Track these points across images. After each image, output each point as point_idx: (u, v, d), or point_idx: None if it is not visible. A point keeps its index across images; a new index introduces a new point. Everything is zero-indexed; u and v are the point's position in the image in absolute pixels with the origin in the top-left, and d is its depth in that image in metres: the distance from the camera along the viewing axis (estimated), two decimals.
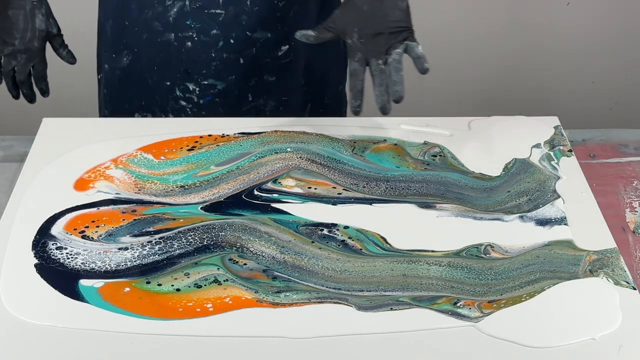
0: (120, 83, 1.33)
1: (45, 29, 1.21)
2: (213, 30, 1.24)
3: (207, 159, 1.13)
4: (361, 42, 1.07)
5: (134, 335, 0.88)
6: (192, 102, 1.29)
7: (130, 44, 1.29)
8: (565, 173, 1.12)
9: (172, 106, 1.30)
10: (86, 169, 1.11)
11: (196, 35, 1.25)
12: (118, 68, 1.31)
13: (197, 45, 1.25)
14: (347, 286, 0.95)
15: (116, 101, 1.35)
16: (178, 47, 1.26)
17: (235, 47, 1.26)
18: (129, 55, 1.29)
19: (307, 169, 1.12)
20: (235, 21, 1.24)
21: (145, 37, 1.27)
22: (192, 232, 1.01)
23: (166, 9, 1.24)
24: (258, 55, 1.27)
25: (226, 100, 1.29)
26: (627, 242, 1.05)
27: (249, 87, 1.29)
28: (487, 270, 0.97)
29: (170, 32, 1.25)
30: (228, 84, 1.28)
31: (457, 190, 1.09)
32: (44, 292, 0.93)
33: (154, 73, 1.29)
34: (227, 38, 1.25)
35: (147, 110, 1.32)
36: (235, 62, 1.27)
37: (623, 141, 1.26)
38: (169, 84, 1.29)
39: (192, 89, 1.28)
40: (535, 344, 0.88)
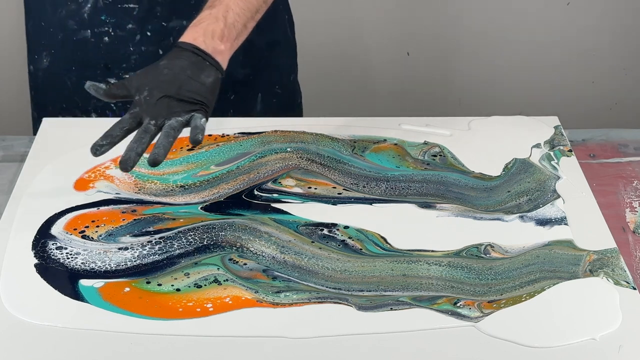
0: (44, 85, 1.32)
1: None
2: (129, 25, 1.24)
3: (207, 159, 1.13)
4: (145, 100, 1.00)
5: (134, 335, 0.88)
6: None
7: (47, 44, 1.28)
8: (565, 173, 1.12)
9: (94, 105, 1.29)
10: (86, 169, 1.11)
11: (112, 30, 1.24)
12: (40, 69, 1.31)
13: (114, 40, 1.24)
14: (347, 286, 0.95)
15: (41, 103, 1.35)
16: (95, 43, 1.25)
17: (152, 39, 1.25)
18: (48, 56, 1.29)
19: (307, 169, 1.12)
20: (150, 14, 1.23)
21: (61, 37, 1.26)
22: (192, 232, 1.01)
23: (80, 5, 1.23)
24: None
25: None
26: (627, 242, 1.05)
27: None
28: (487, 270, 0.97)
29: (86, 29, 1.24)
30: None
31: (457, 190, 1.09)
32: (44, 292, 0.93)
33: (72, 74, 1.28)
34: (144, 31, 1.24)
35: (69, 113, 1.31)
36: (154, 54, 1.25)
37: (623, 141, 1.26)
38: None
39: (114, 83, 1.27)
40: (535, 344, 0.88)
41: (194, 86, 1.01)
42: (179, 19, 1.25)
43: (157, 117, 0.99)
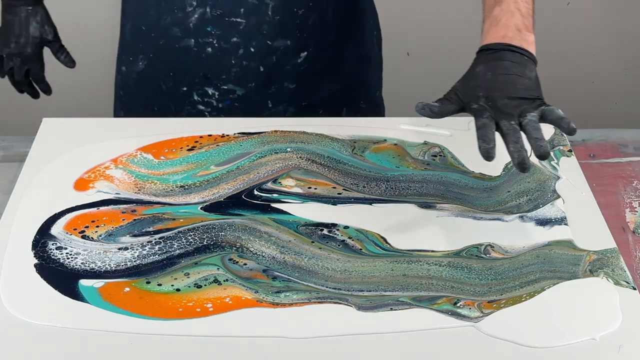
0: (136, 86, 1.33)
1: (39, 36, 1.27)
2: (233, 38, 1.24)
3: (207, 159, 1.13)
4: (489, 105, 0.98)
5: (134, 335, 0.88)
6: (211, 105, 1.29)
7: (146, 49, 1.29)
8: (565, 173, 1.12)
9: (188, 111, 1.30)
10: (86, 169, 1.11)
11: (216, 41, 1.24)
12: (134, 72, 1.31)
13: (217, 51, 1.25)
14: (347, 286, 0.95)
15: (131, 104, 1.35)
16: (198, 52, 1.25)
17: (255, 56, 1.25)
18: (145, 60, 1.29)
19: (307, 169, 1.12)
20: (256, 30, 1.24)
21: (163, 43, 1.26)
22: (192, 232, 1.01)
23: (186, 15, 1.23)
24: (278, 63, 1.27)
25: (245, 106, 1.29)
26: (627, 242, 1.05)
27: (269, 94, 1.29)
28: (487, 270, 0.97)
29: (190, 38, 1.25)
30: (248, 90, 1.28)
31: (457, 190, 1.09)
32: (44, 292, 0.93)
33: (169, 79, 1.29)
34: (247, 47, 1.25)
35: (160, 116, 1.31)
36: (255, 69, 1.26)
37: (623, 141, 1.26)
38: (185, 89, 1.28)
39: (212, 93, 1.28)
40: (535, 344, 0.88)
41: (525, 83, 0.99)
42: (284, 39, 1.25)
43: (509, 117, 0.97)
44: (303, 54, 1.27)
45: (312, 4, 1.24)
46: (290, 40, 1.25)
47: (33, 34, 1.26)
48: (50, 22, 1.29)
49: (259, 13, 1.23)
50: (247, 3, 1.22)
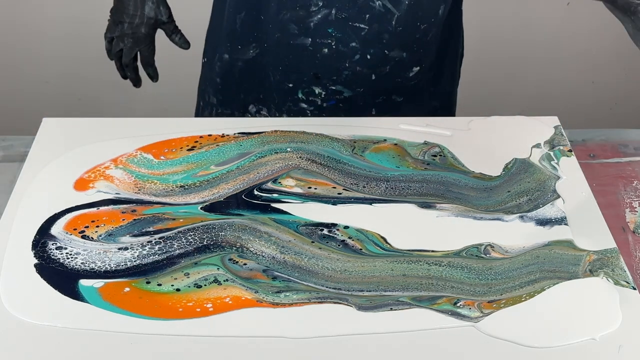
0: (241, 74, 1.32)
1: (154, 17, 1.24)
2: (352, 43, 1.24)
3: (207, 159, 1.13)
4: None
5: (134, 335, 0.88)
6: (315, 104, 1.29)
7: (260, 38, 1.28)
8: (565, 173, 1.12)
9: (289, 107, 1.30)
10: (86, 169, 1.11)
11: (335, 43, 1.24)
12: (241, 59, 1.31)
13: (334, 53, 1.25)
14: (347, 286, 0.95)
15: (231, 90, 1.34)
16: (313, 52, 1.25)
17: (370, 63, 1.25)
18: (257, 49, 1.29)
19: (307, 169, 1.12)
20: (377, 39, 1.24)
21: (278, 37, 1.26)
22: (192, 232, 1.01)
23: (309, 14, 1.23)
24: (390, 74, 1.27)
25: (349, 109, 1.29)
26: (627, 242, 1.05)
27: (376, 102, 1.29)
28: (487, 270, 0.97)
29: (307, 37, 1.24)
30: (355, 94, 1.28)
31: (457, 190, 1.09)
32: (44, 292, 0.93)
33: (277, 72, 1.29)
34: (365, 53, 1.25)
35: (263, 104, 1.32)
36: (367, 76, 1.27)
37: (623, 141, 1.26)
38: (291, 86, 1.28)
39: (318, 93, 1.28)
40: (535, 344, 0.88)
41: None
42: (401, 51, 1.25)
43: None
44: (416, 68, 1.28)
45: (434, 20, 1.25)
46: (407, 53, 1.25)
47: (148, 14, 1.23)
48: (165, 2, 1.26)
49: (383, 22, 1.22)
50: (373, 9, 1.21)
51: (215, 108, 1.37)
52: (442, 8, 1.26)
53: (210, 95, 1.38)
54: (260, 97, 1.32)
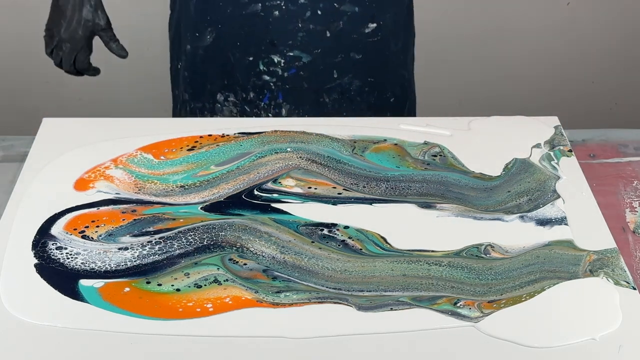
0: (203, 63, 1.33)
1: (91, 20, 1.24)
2: (301, 0, 1.25)
3: (207, 159, 1.13)
4: None
5: (134, 335, 0.88)
6: (277, 75, 1.30)
7: (214, 20, 1.29)
8: (565, 173, 1.12)
9: (253, 83, 1.31)
10: (86, 169, 1.11)
11: (284, 4, 1.25)
12: (201, 47, 1.32)
13: (285, 14, 1.26)
14: (347, 286, 0.95)
15: (198, 82, 1.36)
16: (265, 17, 1.26)
17: (322, 19, 1.26)
18: (213, 32, 1.30)
19: (307, 169, 1.12)
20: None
21: (230, 11, 1.27)
22: (192, 232, 1.01)
23: None
24: (345, 30, 1.27)
25: (311, 75, 1.30)
26: (627, 242, 1.05)
27: (335, 63, 1.29)
28: (487, 270, 0.97)
29: (257, 3, 1.26)
30: (314, 57, 1.29)
31: (457, 190, 1.09)
32: (44, 292, 0.93)
33: (236, 49, 1.30)
34: (315, 9, 1.25)
35: (229, 90, 1.33)
36: (321, 34, 1.27)
37: (623, 141, 1.26)
38: (251, 59, 1.30)
39: (277, 61, 1.29)
40: (535, 344, 0.88)
41: None
42: (352, 4, 1.26)
43: None
44: (372, 25, 1.28)
45: None
46: (359, 7, 1.26)
47: (86, 16, 1.24)
48: (103, 9, 1.27)
49: None
50: None
51: (187, 104, 1.38)
52: None
53: (182, 91, 1.39)
54: (225, 83, 1.33)
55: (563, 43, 2.17)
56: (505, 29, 2.14)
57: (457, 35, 2.13)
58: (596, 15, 2.14)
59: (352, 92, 1.32)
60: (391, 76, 1.34)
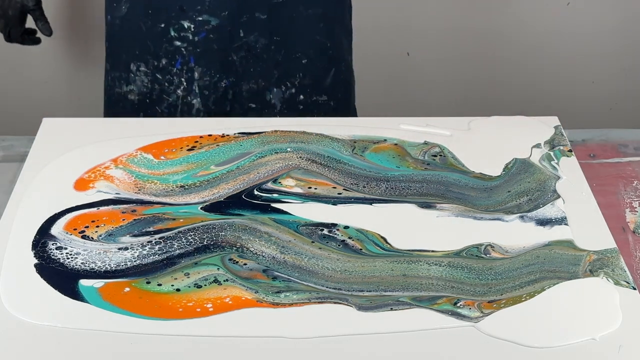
0: (120, 33, 1.37)
1: (20, 2, 1.39)
2: None
3: (207, 159, 1.13)
4: None
5: (134, 335, 0.88)
6: (187, 40, 1.32)
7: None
8: (565, 173, 1.12)
9: (165, 49, 1.34)
10: (86, 169, 1.11)
11: None
12: (117, 17, 1.36)
13: None
14: (347, 286, 0.95)
15: (116, 53, 1.39)
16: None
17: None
18: (127, 3, 1.34)
19: (307, 169, 1.12)
20: None
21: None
22: (192, 232, 1.01)
23: None
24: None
25: (219, 36, 1.33)
26: (627, 242, 1.05)
27: (241, 23, 1.32)
28: (487, 270, 0.97)
29: None
30: (221, 20, 1.32)
31: (457, 190, 1.09)
32: (44, 292, 0.93)
33: (148, 18, 1.33)
34: None
35: (140, 59, 1.36)
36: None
37: (623, 141, 1.26)
38: (162, 26, 1.32)
39: (187, 27, 1.32)
40: (535, 344, 0.88)
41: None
42: None
43: None
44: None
45: None
46: None
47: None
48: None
49: None
50: None
51: (109, 74, 1.41)
52: None
53: (106, 62, 1.43)
54: (136, 53, 1.36)
55: (563, 43, 2.17)
56: (505, 28, 2.14)
57: (457, 35, 2.13)
58: (596, 15, 2.14)
59: (258, 49, 1.35)
60: (300, 38, 1.36)
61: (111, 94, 1.41)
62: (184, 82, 1.36)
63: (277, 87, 1.37)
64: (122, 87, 1.39)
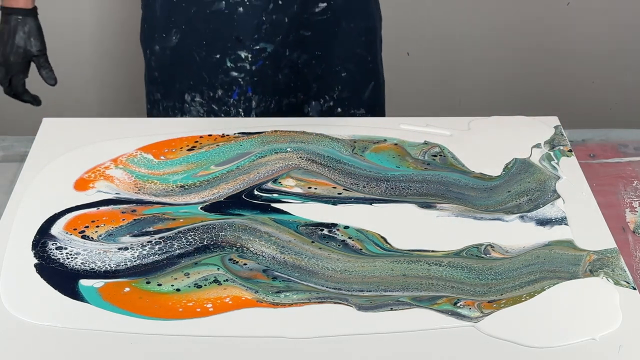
0: (171, 63, 1.35)
1: (23, 47, 1.27)
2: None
3: (207, 159, 1.13)
4: None
5: (134, 335, 0.88)
6: (244, 70, 1.31)
7: (178, 20, 1.31)
8: (565, 173, 1.12)
9: (221, 80, 1.32)
10: (86, 169, 1.11)
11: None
12: (168, 48, 1.33)
13: (249, 9, 1.28)
14: (347, 286, 0.95)
15: (167, 83, 1.37)
16: (229, 14, 1.28)
17: (282, 7, 1.29)
18: (178, 33, 1.31)
19: (307, 169, 1.12)
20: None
21: (194, 11, 1.29)
22: (192, 232, 1.01)
23: None
24: (299, 12, 1.30)
25: (273, 61, 1.32)
26: (627, 242, 1.05)
27: (287, 42, 1.32)
28: (487, 270, 0.97)
29: (220, 1, 1.27)
30: (275, 45, 1.31)
31: (457, 190, 1.09)
32: (44, 292, 0.93)
33: (202, 48, 1.31)
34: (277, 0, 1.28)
35: (195, 90, 1.34)
36: (281, 22, 1.29)
37: (623, 141, 1.26)
38: (218, 57, 1.31)
39: (245, 57, 1.31)
40: (535, 344, 0.88)
41: None
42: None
43: None
44: (322, 4, 1.31)
45: None
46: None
47: (18, 43, 1.26)
48: (39, 35, 1.28)
49: None
50: None
51: (160, 103, 1.39)
52: None
53: (154, 92, 1.40)
54: (191, 83, 1.34)
55: (563, 43, 2.17)
56: (505, 28, 2.14)
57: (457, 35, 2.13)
58: (596, 15, 2.14)
59: (299, 65, 1.34)
60: (341, 51, 1.36)
61: None
62: (242, 112, 1.34)
63: (316, 100, 1.37)
64: (175, 115, 1.37)
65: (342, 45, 1.36)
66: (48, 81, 1.30)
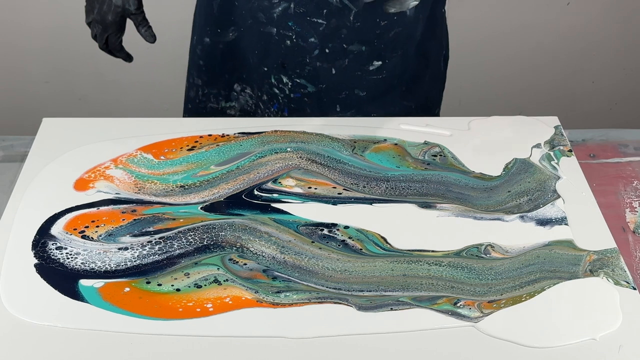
0: (223, 55, 1.35)
1: (121, 5, 1.24)
2: (311, 38, 1.25)
3: (207, 159, 1.13)
4: None
5: (134, 335, 0.88)
6: (284, 93, 1.32)
7: (237, 22, 1.31)
8: (565, 173, 1.12)
9: (267, 89, 1.33)
10: (86, 169, 1.11)
11: (295, 37, 1.26)
12: (222, 42, 1.34)
13: (295, 47, 1.27)
14: (347, 286, 0.95)
15: (215, 72, 1.37)
16: (279, 41, 1.27)
17: (329, 57, 1.27)
18: (235, 32, 1.32)
19: (307, 168, 1.12)
20: (335, 33, 1.25)
21: (250, 23, 1.29)
22: (192, 232, 1.01)
23: (272, 5, 1.25)
24: (349, 67, 1.28)
25: (315, 104, 1.31)
26: (627, 242, 1.05)
27: (339, 99, 1.31)
28: (487, 270, 0.97)
29: (273, 26, 1.27)
30: (319, 90, 1.30)
31: (458, 190, 1.09)
32: (44, 292, 0.93)
33: (254, 55, 1.32)
34: (324, 48, 1.26)
35: (247, 83, 1.35)
36: (327, 71, 1.28)
37: (623, 141, 1.26)
38: (266, 70, 1.31)
39: (286, 82, 1.30)
40: (535, 344, 0.88)
41: None
42: (360, 44, 1.26)
43: None
44: (377, 62, 1.28)
45: (397, 19, 1.25)
46: (366, 47, 1.26)
47: (116, 2, 1.24)
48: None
49: (341, 17, 1.23)
50: (330, 5, 1.22)
51: (201, 89, 1.40)
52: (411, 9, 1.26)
53: (195, 77, 1.40)
54: (244, 76, 1.35)
55: (563, 43, 2.17)
56: (506, 29, 2.14)
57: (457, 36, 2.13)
58: (596, 15, 2.14)
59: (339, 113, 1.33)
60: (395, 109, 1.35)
61: (202, 107, 1.40)
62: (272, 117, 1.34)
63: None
64: (219, 102, 1.37)
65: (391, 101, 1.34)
66: (147, 39, 1.28)
